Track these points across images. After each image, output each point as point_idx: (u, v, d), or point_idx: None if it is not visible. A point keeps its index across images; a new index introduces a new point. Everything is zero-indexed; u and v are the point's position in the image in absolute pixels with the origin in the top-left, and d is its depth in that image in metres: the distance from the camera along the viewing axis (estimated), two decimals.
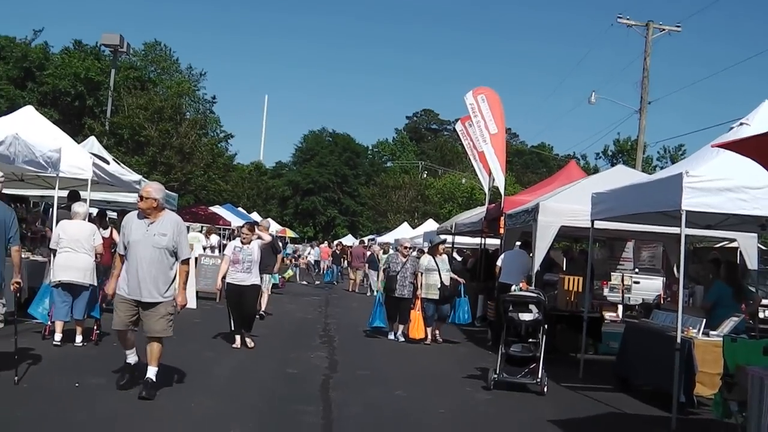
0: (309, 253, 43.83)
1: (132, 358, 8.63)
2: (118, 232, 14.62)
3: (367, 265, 29.83)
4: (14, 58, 39.04)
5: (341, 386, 9.85)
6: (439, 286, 14.70)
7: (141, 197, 8.21)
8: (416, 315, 14.68)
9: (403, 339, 14.82)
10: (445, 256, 15.42)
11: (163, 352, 8.41)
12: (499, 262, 15.36)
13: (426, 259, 15.04)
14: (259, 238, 13.61)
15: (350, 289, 31.11)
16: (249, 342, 12.38)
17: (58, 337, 10.73)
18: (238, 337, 12.36)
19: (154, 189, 8.24)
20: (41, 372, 9.02)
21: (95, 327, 11.60)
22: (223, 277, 12.57)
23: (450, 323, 15.53)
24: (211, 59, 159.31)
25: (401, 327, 14.98)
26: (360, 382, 10.44)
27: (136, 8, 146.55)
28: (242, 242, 12.65)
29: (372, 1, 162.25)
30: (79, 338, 11.04)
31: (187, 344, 12.18)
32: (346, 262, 38.44)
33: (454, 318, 15.31)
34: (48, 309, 11.10)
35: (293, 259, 45.35)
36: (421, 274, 14.80)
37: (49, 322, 11.18)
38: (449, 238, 21.51)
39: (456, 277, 15.28)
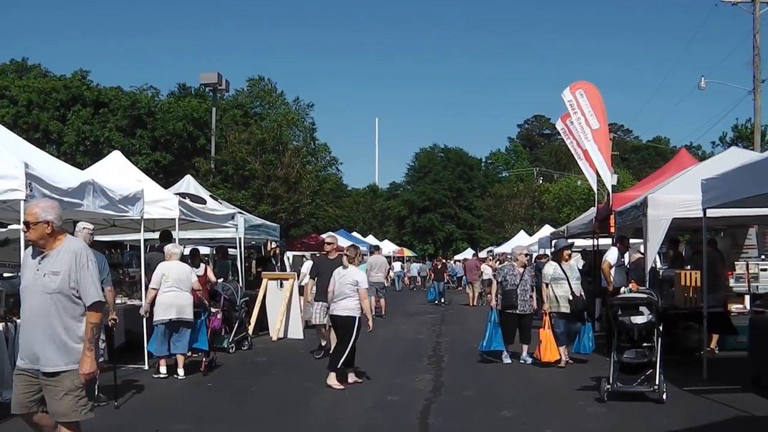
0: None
1: None
2: (213, 270, 14.81)
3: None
4: (122, 108, 40.24)
5: (443, 411, 9.30)
6: (570, 297, 12.68)
7: (26, 224, 5.69)
8: (547, 334, 12.60)
9: (530, 361, 13.02)
10: (573, 263, 13.53)
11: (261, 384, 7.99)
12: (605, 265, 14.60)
13: (551, 267, 13.06)
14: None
15: (470, 304, 30.37)
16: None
17: (163, 370, 11.40)
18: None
19: (42, 207, 5.67)
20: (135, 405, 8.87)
21: (203, 359, 12.10)
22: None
23: (574, 352, 12.90)
24: (320, 87, 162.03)
25: (525, 348, 13.25)
26: (464, 404, 9.83)
27: (239, 45, 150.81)
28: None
29: (472, 13, 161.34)
30: (181, 371, 11.52)
31: (289, 376, 11.98)
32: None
33: (578, 347, 12.78)
34: None
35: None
36: (547, 285, 12.84)
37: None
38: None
39: (582, 293, 13.13)
